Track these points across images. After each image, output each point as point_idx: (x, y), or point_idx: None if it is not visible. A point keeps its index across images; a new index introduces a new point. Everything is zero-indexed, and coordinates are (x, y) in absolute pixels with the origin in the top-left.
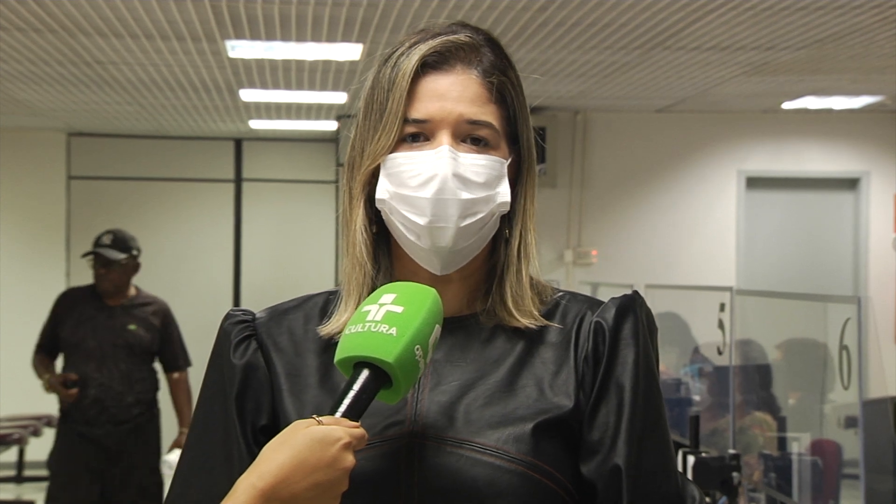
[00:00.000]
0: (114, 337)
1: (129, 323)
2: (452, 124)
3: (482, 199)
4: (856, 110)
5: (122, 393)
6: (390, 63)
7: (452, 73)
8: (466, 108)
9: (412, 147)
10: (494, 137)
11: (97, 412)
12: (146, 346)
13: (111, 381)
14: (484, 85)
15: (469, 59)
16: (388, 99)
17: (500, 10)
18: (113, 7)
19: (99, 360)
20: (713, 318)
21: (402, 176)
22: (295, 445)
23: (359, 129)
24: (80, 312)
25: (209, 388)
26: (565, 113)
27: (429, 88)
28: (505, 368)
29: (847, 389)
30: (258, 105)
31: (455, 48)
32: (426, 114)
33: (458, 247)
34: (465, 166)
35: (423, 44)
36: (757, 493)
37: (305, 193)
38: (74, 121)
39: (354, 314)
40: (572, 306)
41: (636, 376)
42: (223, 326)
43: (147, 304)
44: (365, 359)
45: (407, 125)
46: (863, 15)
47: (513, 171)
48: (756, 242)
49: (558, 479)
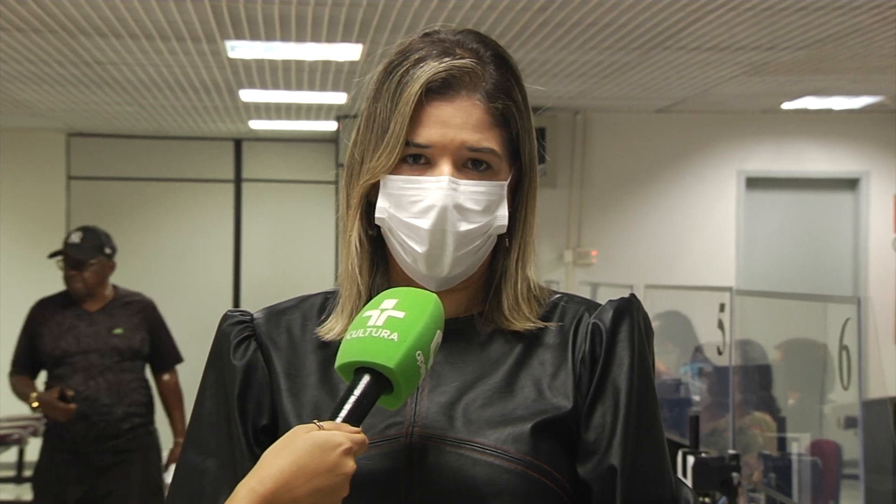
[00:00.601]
0: (100, 344)
1: (115, 326)
2: (454, 152)
3: (479, 229)
4: (856, 110)
5: (111, 405)
6: (395, 77)
7: (456, 100)
8: (469, 136)
9: (413, 169)
10: (496, 162)
11: (84, 429)
12: (136, 349)
13: (98, 393)
14: (487, 110)
15: (474, 85)
16: (391, 120)
17: (499, 10)
18: (113, 7)
19: (85, 371)
20: (713, 318)
21: (402, 200)
22: (296, 450)
23: (360, 136)
24: (59, 322)
25: (208, 389)
26: (565, 113)
27: (432, 114)
28: (504, 370)
29: (847, 390)
30: (258, 105)
31: (460, 73)
32: (428, 139)
33: (453, 273)
34: (465, 195)
35: (427, 64)
36: (756, 494)
37: (305, 194)
38: (74, 121)
39: (356, 319)
40: (570, 308)
41: (632, 378)
42: (221, 327)
43: (129, 302)
44: (366, 364)
45: (409, 147)
46: (862, 15)
47: (513, 183)
48: (756, 243)
49: (557, 478)
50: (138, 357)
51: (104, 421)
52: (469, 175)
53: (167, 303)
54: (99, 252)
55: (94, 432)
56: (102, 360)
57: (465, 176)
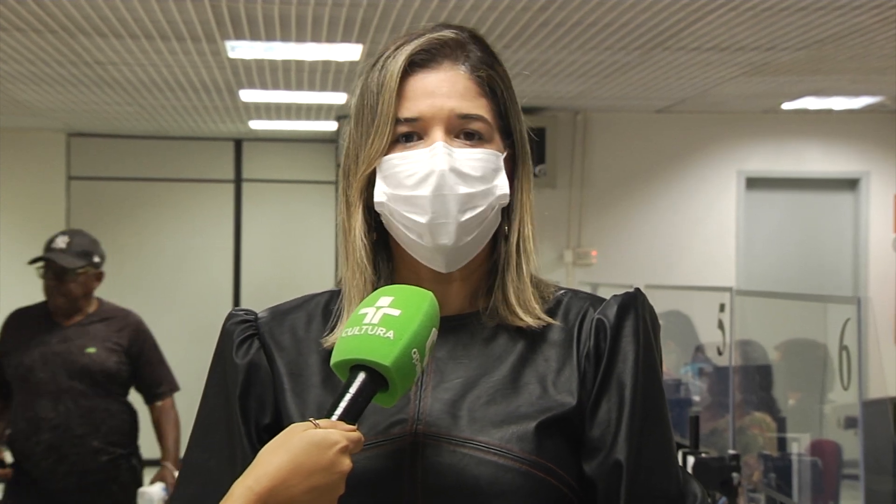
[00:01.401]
0: (68, 364)
1: (87, 345)
2: (444, 120)
3: (480, 193)
4: (856, 111)
5: (84, 436)
6: (377, 67)
7: (440, 70)
8: (457, 103)
9: (406, 147)
10: (488, 131)
11: (54, 462)
12: (111, 372)
13: (68, 421)
14: (473, 79)
15: (456, 56)
16: (378, 101)
17: (499, 10)
18: (113, 7)
19: (53, 395)
20: (713, 318)
21: (399, 176)
22: (291, 449)
23: (352, 136)
24: (29, 336)
25: (212, 388)
26: (565, 113)
27: (418, 87)
28: (508, 366)
29: (847, 390)
30: (258, 105)
31: (441, 45)
32: (417, 112)
33: (460, 242)
34: (461, 161)
35: (408, 44)
36: (757, 494)
37: (305, 194)
38: (74, 121)
39: (351, 317)
40: (574, 304)
41: (637, 373)
42: (225, 326)
43: (108, 318)
44: (361, 362)
45: (399, 125)
46: (863, 15)
47: (508, 166)
48: (756, 243)
49: (562, 476)
50: (115, 382)
51: (76, 453)
52: (462, 145)
53: (167, 303)
54: (86, 260)
55: (65, 467)
56: (72, 383)
57: (459, 145)
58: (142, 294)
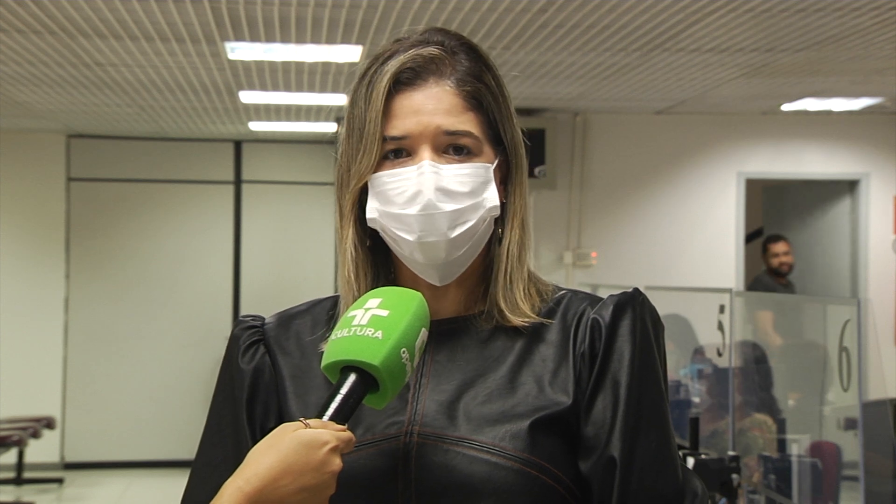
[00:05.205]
0: None
1: None
2: (431, 137)
3: (470, 208)
4: (855, 112)
5: None
6: (365, 80)
7: (426, 87)
8: (443, 120)
9: (395, 164)
10: (476, 144)
11: None
12: None
13: None
14: (459, 94)
15: (441, 71)
16: (366, 119)
17: (499, 12)
18: (112, 9)
19: None
20: (713, 319)
21: (388, 194)
22: (282, 449)
23: (343, 147)
24: None
25: (220, 393)
26: (565, 115)
27: (404, 105)
28: (505, 366)
29: (846, 391)
30: (258, 107)
31: (426, 62)
32: (404, 130)
33: (451, 257)
34: (448, 178)
35: (394, 59)
36: (756, 495)
37: (305, 195)
38: (74, 122)
39: (341, 319)
40: (573, 304)
41: (632, 372)
42: (233, 332)
43: None
44: (351, 363)
45: (387, 143)
46: (862, 17)
47: (502, 171)
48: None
49: (556, 475)
50: None
51: None
52: (451, 160)
53: (167, 305)
54: None
55: None
56: None
57: (447, 161)
58: (141, 295)
